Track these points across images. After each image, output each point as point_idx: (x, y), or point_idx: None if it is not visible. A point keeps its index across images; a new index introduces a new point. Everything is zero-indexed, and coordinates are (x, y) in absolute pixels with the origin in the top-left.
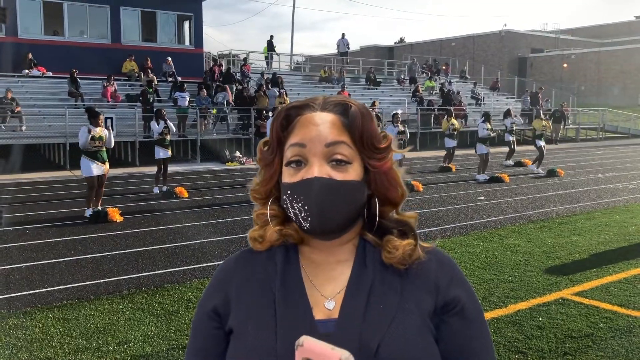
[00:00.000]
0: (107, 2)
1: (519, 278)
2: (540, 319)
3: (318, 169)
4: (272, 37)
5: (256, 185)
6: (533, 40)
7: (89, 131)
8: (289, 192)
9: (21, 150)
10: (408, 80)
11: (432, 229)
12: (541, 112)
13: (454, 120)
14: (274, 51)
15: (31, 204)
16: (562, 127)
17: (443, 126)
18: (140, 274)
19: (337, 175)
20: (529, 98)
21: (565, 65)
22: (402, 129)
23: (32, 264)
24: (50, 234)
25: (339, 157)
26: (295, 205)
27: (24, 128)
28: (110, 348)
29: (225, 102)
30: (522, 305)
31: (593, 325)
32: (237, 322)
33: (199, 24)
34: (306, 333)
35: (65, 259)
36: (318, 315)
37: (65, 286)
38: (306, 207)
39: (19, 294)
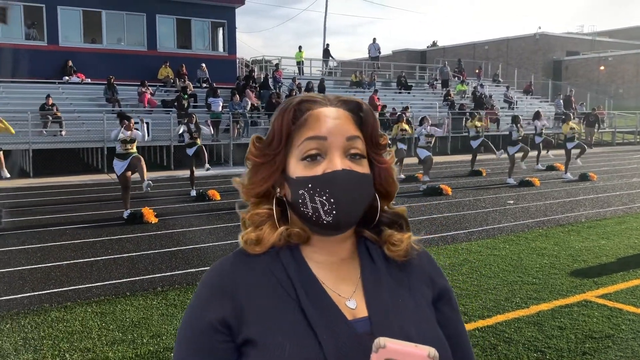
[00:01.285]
0: (144, 10)
1: (543, 280)
2: (561, 319)
3: (340, 162)
4: (328, 45)
5: (249, 185)
6: (568, 43)
7: (122, 133)
8: (309, 185)
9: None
10: (440, 84)
11: (458, 232)
12: (571, 115)
13: (477, 122)
14: (329, 58)
15: (71, 205)
16: (596, 130)
17: (469, 126)
18: (173, 272)
19: (357, 169)
20: (561, 101)
21: (602, 67)
22: (431, 132)
23: (71, 262)
24: (89, 234)
25: (355, 151)
26: (316, 199)
27: (63, 133)
28: (144, 341)
29: (245, 108)
30: (544, 307)
31: (615, 327)
32: (258, 332)
33: (232, 30)
34: (347, 335)
35: (103, 257)
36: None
37: (102, 283)
38: (332, 200)
39: (60, 289)
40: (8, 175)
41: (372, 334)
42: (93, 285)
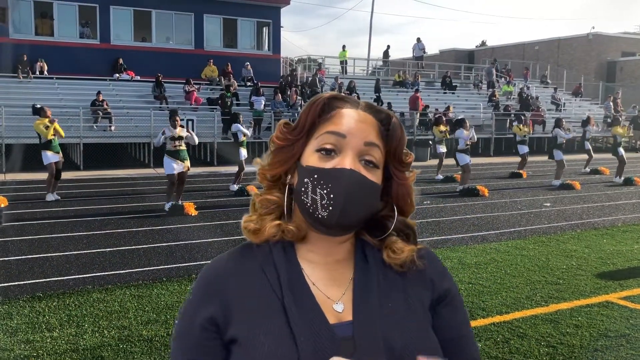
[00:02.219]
0: (192, 10)
1: (567, 281)
2: (579, 318)
3: (351, 162)
4: (388, 47)
5: (267, 166)
6: (624, 43)
7: (164, 132)
8: (315, 175)
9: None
10: (486, 85)
11: (490, 232)
12: (621, 118)
13: (521, 127)
14: (388, 59)
15: (117, 197)
16: None
17: (516, 131)
18: (208, 261)
19: (367, 175)
20: (611, 104)
21: None
22: (473, 134)
23: (114, 249)
24: (132, 224)
25: (370, 158)
26: (317, 190)
27: (113, 128)
28: (176, 322)
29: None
30: (564, 306)
31: (632, 327)
32: (243, 330)
33: (277, 30)
34: (325, 339)
35: (144, 246)
36: (329, 319)
37: (141, 269)
38: (332, 195)
39: (102, 273)
40: (57, 198)
41: (353, 338)
42: (133, 270)
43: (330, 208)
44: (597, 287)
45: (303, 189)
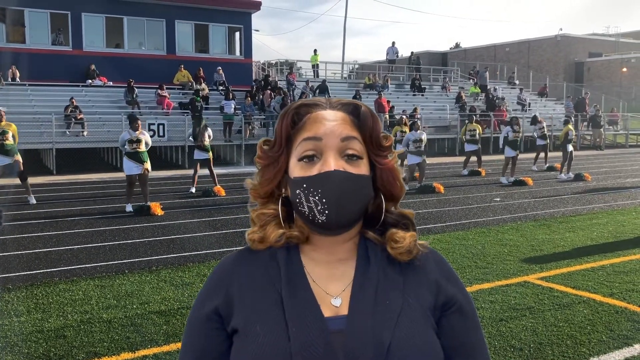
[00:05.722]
0: (164, 16)
1: (495, 265)
2: (495, 295)
3: (334, 163)
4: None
5: (256, 185)
6: (591, 45)
7: (129, 134)
8: (304, 185)
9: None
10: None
11: (436, 225)
12: (571, 118)
13: (473, 125)
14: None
15: (88, 199)
16: (602, 132)
17: (461, 132)
18: (169, 255)
19: (352, 169)
20: (571, 103)
21: (624, 69)
22: (420, 137)
23: (82, 246)
24: (100, 224)
25: (351, 151)
26: (310, 198)
27: (85, 133)
28: (134, 306)
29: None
30: (486, 285)
31: (539, 301)
32: (242, 322)
33: (248, 35)
34: (316, 330)
35: (110, 243)
36: (326, 312)
37: (106, 263)
38: (324, 200)
39: (69, 267)
40: (34, 202)
41: (345, 332)
42: (98, 264)
43: (327, 212)
44: (520, 270)
45: (297, 200)
